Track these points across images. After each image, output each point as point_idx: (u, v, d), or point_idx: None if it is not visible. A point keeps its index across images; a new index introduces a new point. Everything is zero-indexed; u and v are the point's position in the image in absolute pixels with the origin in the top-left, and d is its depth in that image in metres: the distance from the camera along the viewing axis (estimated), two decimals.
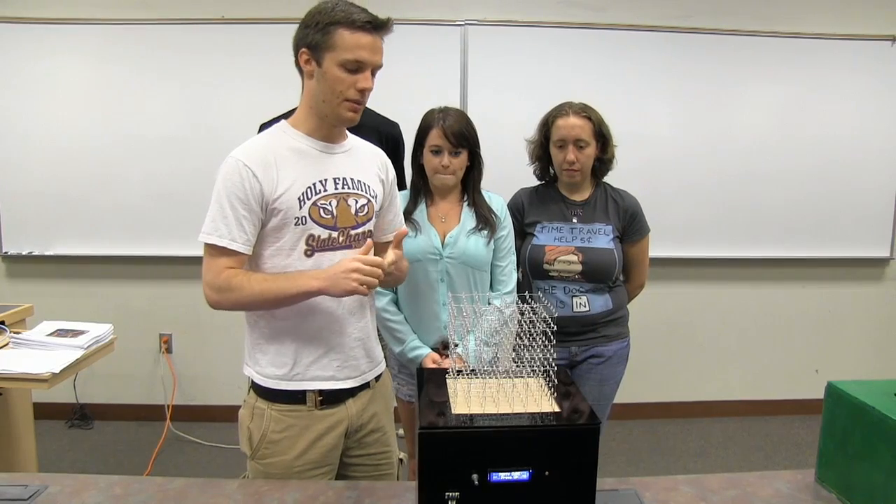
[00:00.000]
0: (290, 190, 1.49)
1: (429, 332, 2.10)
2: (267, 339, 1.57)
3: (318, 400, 1.57)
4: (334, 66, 1.45)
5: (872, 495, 1.22)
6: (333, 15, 1.44)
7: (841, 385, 1.33)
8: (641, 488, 1.35)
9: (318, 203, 1.52)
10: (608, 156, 2.23)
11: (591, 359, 2.22)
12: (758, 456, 3.49)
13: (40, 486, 1.33)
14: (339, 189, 1.56)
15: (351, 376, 1.60)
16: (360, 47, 1.44)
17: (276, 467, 1.56)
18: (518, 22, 3.52)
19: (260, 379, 1.58)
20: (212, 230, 1.46)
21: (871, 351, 3.98)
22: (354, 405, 1.62)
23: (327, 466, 1.60)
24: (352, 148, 1.64)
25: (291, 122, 1.57)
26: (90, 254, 3.59)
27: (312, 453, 1.57)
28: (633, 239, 2.26)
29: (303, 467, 1.56)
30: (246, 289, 1.45)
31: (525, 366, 1.34)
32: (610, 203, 2.25)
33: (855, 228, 3.80)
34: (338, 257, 1.54)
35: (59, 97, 3.47)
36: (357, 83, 1.46)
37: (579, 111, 2.16)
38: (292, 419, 1.56)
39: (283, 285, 1.46)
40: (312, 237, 1.52)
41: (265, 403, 1.57)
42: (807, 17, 3.63)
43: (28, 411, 2.57)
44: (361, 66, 1.45)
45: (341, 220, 1.55)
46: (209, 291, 1.48)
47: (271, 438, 1.56)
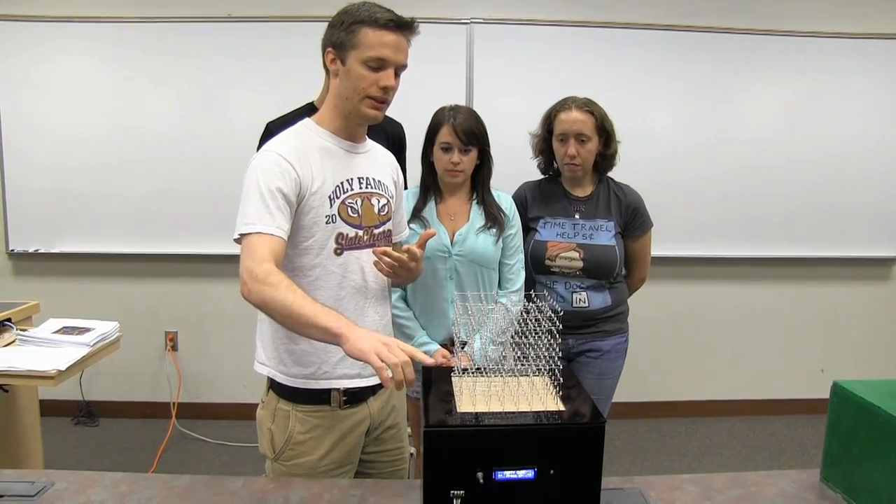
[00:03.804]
0: (322, 188, 1.50)
1: (437, 329, 2.11)
2: (293, 339, 1.53)
3: (342, 400, 1.57)
4: (358, 64, 1.46)
5: (878, 495, 1.22)
6: (358, 14, 1.46)
7: (846, 385, 1.32)
8: (646, 487, 1.35)
9: (346, 202, 1.54)
10: (611, 151, 2.23)
11: (588, 353, 2.23)
12: (763, 455, 3.48)
13: (46, 483, 1.33)
14: (364, 188, 1.58)
15: (374, 373, 1.60)
16: (382, 45, 1.45)
17: (302, 468, 1.56)
18: (523, 20, 3.51)
19: (284, 379, 1.55)
20: (255, 219, 1.40)
21: (876, 351, 3.97)
22: (375, 403, 1.64)
23: (349, 465, 1.61)
24: (370, 149, 1.67)
25: (316, 121, 1.58)
26: (96, 251, 3.60)
27: (336, 453, 1.58)
28: (635, 234, 2.26)
29: (327, 467, 1.57)
30: (280, 290, 1.32)
31: (530, 364, 1.34)
32: (612, 199, 2.25)
33: (861, 228, 3.79)
34: (364, 256, 1.56)
35: (64, 95, 3.48)
36: (380, 81, 1.47)
37: (582, 106, 2.17)
38: (317, 420, 1.57)
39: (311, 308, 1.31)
40: (342, 236, 1.53)
41: (289, 405, 1.56)
42: (812, 15, 3.61)
43: (34, 408, 2.58)
44: (384, 63, 1.46)
45: (366, 219, 1.57)
46: (247, 277, 1.36)
47: (297, 440, 1.56)
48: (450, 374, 1.37)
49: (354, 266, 1.56)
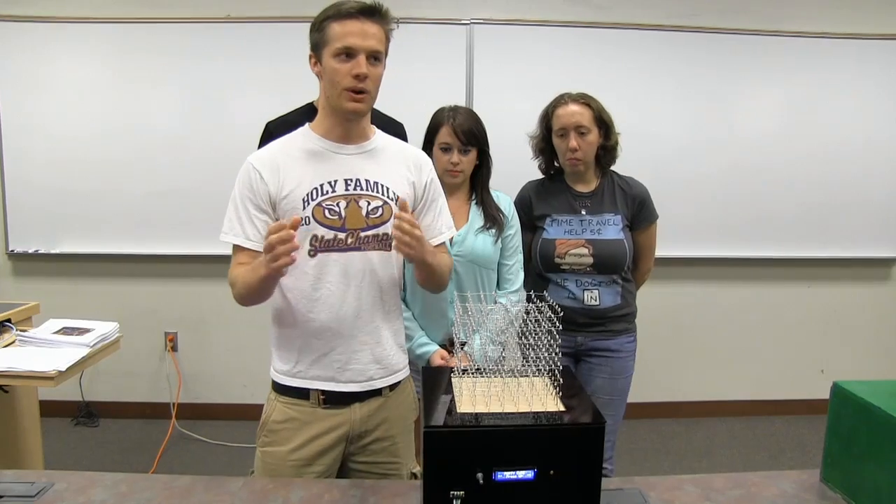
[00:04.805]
0: (296, 191, 1.52)
1: (436, 330, 2.11)
2: (277, 336, 1.63)
3: (321, 398, 1.58)
4: (330, 59, 1.48)
5: (878, 496, 1.21)
6: (326, 13, 1.49)
7: (847, 385, 1.32)
8: (646, 488, 1.35)
9: (323, 204, 1.53)
10: (612, 142, 2.22)
11: (598, 351, 2.23)
12: (763, 456, 3.48)
13: (46, 484, 1.33)
14: (350, 190, 1.56)
15: (354, 380, 1.60)
16: (347, 34, 1.46)
17: (272, 457, 1.59)
18: (524, 21, 3.51)
19: (272, 373, 1.64)
20: (228, 229, 1.56)
21: (876, 351, 3.97)
22: (360, 410, 1.61)
23: (320, 466, 1.59)
24: (375, 148, 1.63)
25: (311, 125, 1.61)
26: (96, 252, 3.61)
27: (307, 450, 1.58)
28: (642, 226, 2.27)
29: (295, 462, 1.57)
30: (239, 283, 1.52)
31: (530, 364, 1.34)
32: (618, 192, 2.24)
33: (861, 228, 3.79)
34: (344, 258, 1.55)
35: (65, 96, 3.49)
36: (352, 70, 1.47)
37: (578, 99, 2.18)
38: (295, 413, 1.59)
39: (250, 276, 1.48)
40: (316, 238, 1.53)
41: (275, 395, 1.63)
42: (814, 15, 3.61)
43: (34, 409, 2.58)
44: (352, 51, 1.46)
45: (350, 221, 1.55)
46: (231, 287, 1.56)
47: (271, 427, 1.60)
48: (450, 375, 1.37)
49: (333, 268, 1.54)
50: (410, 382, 1.75)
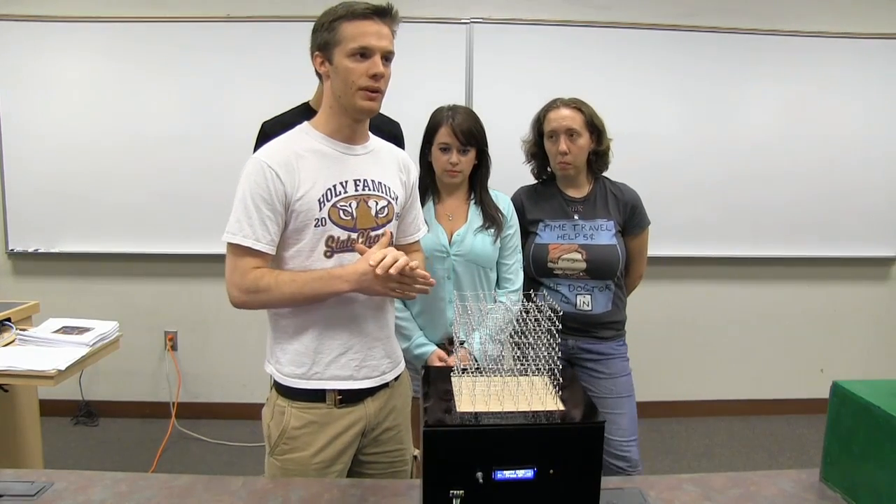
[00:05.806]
0: (311, 192, 1.51)
1: (435, 330, 2.11)
2: (288, 338, 1.59)
3: (337, 399, 1.58)
4: (344, 58, 1.48)
5: (878, 495, 1.22)
6: (336, 12, 1.49)
7: (846, 385, 1.32)
8: (646, 487, 1.35)
9: (337, 205, 1.53)
10: (603, 147, 2.22)
11: (591, 354, 2.22)
12: (762, 455, 3.48)
13: (46, 483, 1.33)
14: (360, 191, 1.57)
15: (370, 376, 1.61)
16: (363, 34, 1.46)
17: (294, 463, 1.57)
18: (523, 20, 3.51)
19: (280, 378, 1.59)
20: (236, 230, 1.48)
21: (875, 350, 3.97)
22: (373, 404, 1.63)
23: (341, 464, 1.61)
24: (374, 149, 1.65)
25: (313, 124, 1.59)
26: (96, 251, 3.61)
27: (330, 451, 1.58)
28: (634, 232, 2.27)
29: (319, 465, 1.57)
30: (275, 291, 1.48)
31: (530, 364, 1.34)
32: (610, 198, 2.25)
33: (860, 228, 3.79)
34: (357, 258, 1.55)
35: (64, 95, 3.49)
36: (369, 70, 1.48)
37: (569, 103, 2.18)
38: (312, 416, 1.57)
39: (316, 287, 1.49)
40: (332, 238, 1.53)
41: (285, 401, 1.59)
42: (812, 15, 3.61)
43: (34, 408, 2.58)
44: (368, 51, 1.47)
45: (361, 221, 1.56)
46: (235, 292, 1.50)
47: (291, 434, 1.57)
48: (449, 374, 1.36)
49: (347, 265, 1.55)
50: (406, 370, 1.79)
